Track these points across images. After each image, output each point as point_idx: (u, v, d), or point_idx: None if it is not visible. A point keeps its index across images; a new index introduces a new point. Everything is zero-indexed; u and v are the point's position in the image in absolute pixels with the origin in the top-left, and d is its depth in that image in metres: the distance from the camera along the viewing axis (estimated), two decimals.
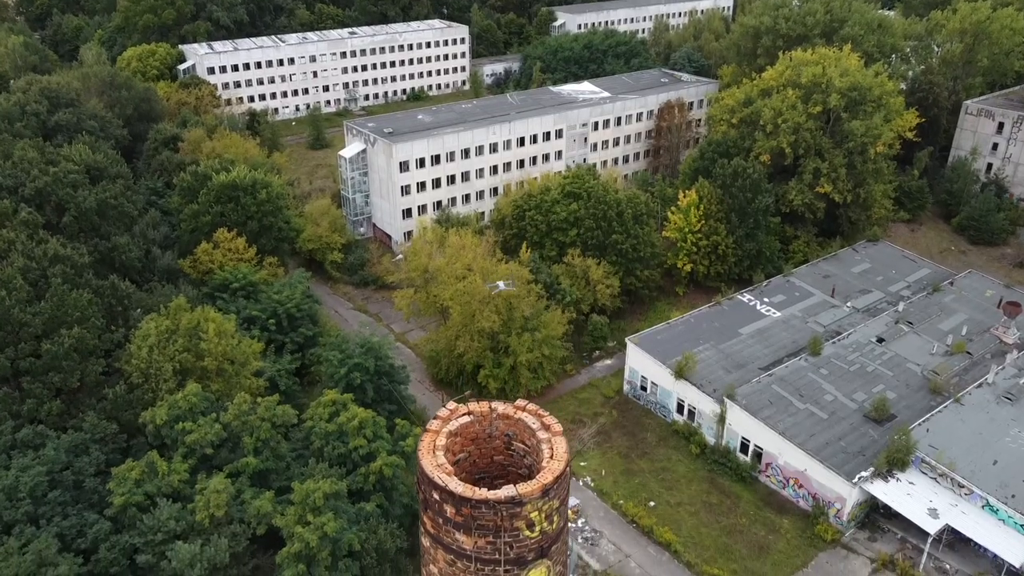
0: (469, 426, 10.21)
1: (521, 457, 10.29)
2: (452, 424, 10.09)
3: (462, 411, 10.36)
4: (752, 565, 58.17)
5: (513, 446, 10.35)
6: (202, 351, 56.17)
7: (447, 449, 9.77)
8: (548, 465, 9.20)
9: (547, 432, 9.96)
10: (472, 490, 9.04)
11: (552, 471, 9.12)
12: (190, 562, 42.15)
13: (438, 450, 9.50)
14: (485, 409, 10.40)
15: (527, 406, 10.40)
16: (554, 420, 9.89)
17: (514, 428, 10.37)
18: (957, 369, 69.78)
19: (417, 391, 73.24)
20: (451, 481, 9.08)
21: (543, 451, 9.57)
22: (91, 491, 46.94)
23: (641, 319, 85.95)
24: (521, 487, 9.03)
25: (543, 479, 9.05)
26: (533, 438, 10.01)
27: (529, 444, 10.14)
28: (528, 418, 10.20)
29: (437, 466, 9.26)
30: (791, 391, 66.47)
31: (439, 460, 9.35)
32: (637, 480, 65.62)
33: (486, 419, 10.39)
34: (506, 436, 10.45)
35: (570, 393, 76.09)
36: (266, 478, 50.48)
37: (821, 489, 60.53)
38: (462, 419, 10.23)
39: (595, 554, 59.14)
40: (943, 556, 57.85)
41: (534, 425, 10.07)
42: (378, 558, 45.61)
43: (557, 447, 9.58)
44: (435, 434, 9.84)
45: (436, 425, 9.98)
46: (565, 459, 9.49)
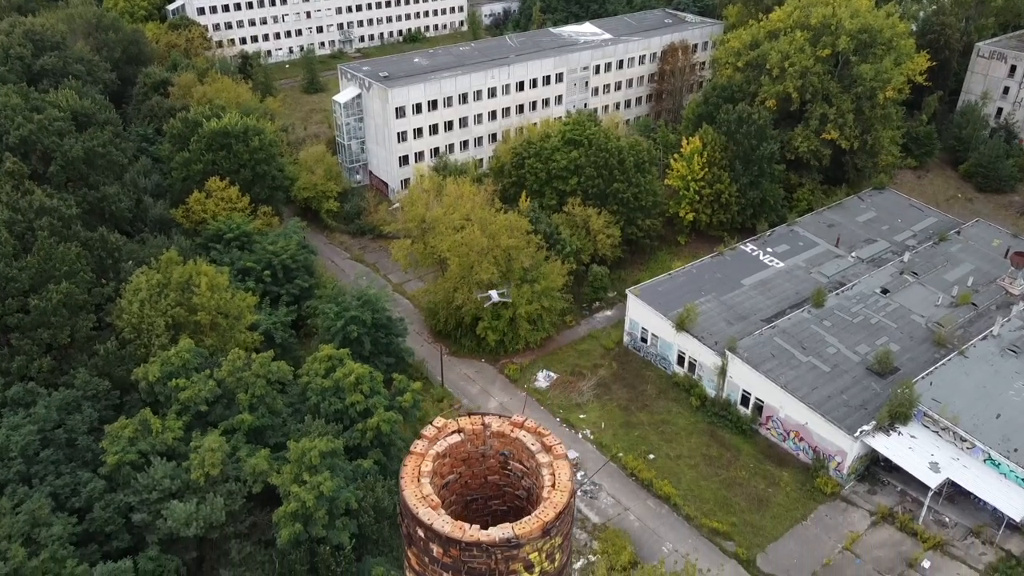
0: (459, 445, 9.08)
1: (519, 478, 9.22)
2: (440, 445, 8.97)
3: (451, 428, 9.22)
4: (751, 518, 58.14)
5: (510, 466, 9.28)
6: (195, 305, 55.07)
7: (435, 473, 8.68)
8: (550, 497, 8.10)
9: (548, 455, 8.81)
10: (462, 529, 7.95)
11: (554, 505, 8.02)
12: (186, 521, 41.75)
13: (423, 477, 8.39)
14: (478, 426, 9.26)
15: (525, 422, 9.25)
16: (556, 441, 8.75)
17: (511, 447, 9.28)
18: (962, 321, 68.86)
19: (415, 343, 72.45)
20: (437, 519, 7.99)
21: (543, 477, 8.47)
22: (84, 449, 46.34)
23: (642, 269, 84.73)
24: (518, 527, 7.96)
25: (544, 515, 7.96)
26: (532, 460, 8.93)
27: (528, 466, 9.05)
28: (527, 437, 9.06)
29: (422, 498, 8.16)
30: (793, 343, 65.66)
31: (425, 491, 8.25)
32: (637, 433, 65.28)
33: (479, 437, 9.28)
34: (502, 455, 9.36)
35: (570, 345, 75.33)
36: (262, 435, 49.91)
37: (822, 442, 60.17)
38: (451, 438, 9.10)
39: (594, 507, 59.06)
40: (943, 509, 57.79)
41: (533, 446, 8.93)
42: (376, 516, 45.27)
43: (560, 474, 8.45)
44: (420, 458, 8.71)
45: (421, 446, 8.85)
46: (569, 489, 8.38)
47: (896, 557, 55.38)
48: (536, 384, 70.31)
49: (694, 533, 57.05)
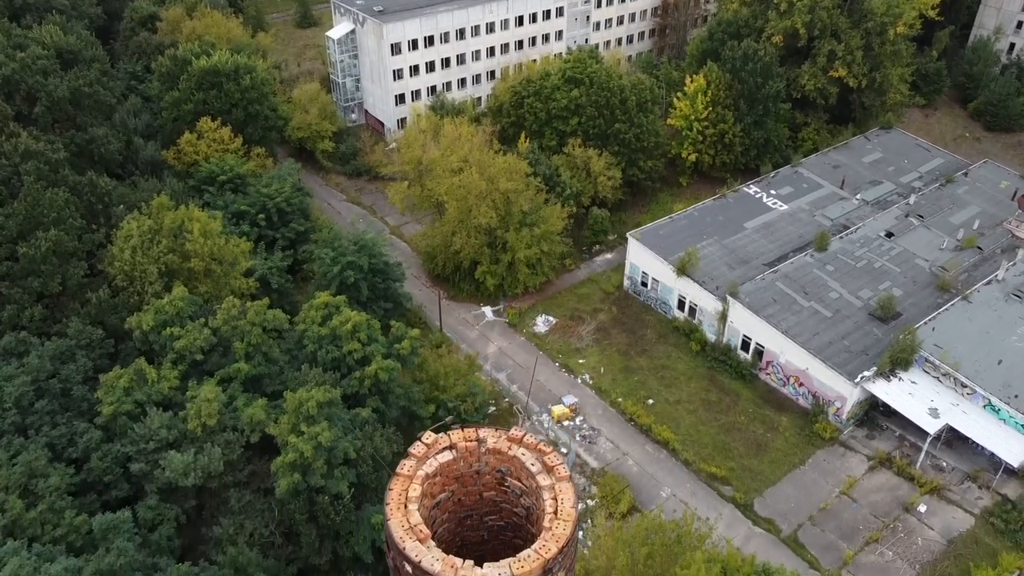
0: (451, 464, 8.34)
1: (517, 496, 8.51)
2: (429, 465, 8.21)
3: (442, 444, 8.43)
4: (750, 463, 58.34)
5: (507, 483, 8.55)
6: (188, 252, 54.04)
7: (424, 495, 7.93)
8: (551, 528, 7.35)
9: (549, 476, 8.05)
10: (453, 568, 7.22)
11: (556, 539, 7.28)
12: (184, 471, 41.62)
13: (411, 504, 7.65)
14: (472, 443, 8.47)
15: (524, 438, 8.46)
16: (559, 459, 7.97)
17: (508, 464, 8.53)
18: (967, 265, 68.00)
19: (413, 287, 71.68)
20: (426, 555, 7.26)
21: (544, 501, 7.73)
22: (79, 399, 45.94)
23: (643, 211, 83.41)
24: (516, 566, 7.24)
25: (545, 551, 7.23)
26: (532, 480, 8.19)
27: (527, 485, 8.32)
28: (526, 456, 8.28)
29: (409, 528, 7.42)
30: (795, 288, 64.91)
31: (412, 519, 7.51)
32: (636, 378, 65.07)
33: (473, 455, 8.51)
34: (498, 472, 8.62)
35: (569, 289, 74.58)
36: (259, 383, 49.50)
37: (822, 388, 59.98)
38: (442, 456, 8.33)
39: (593, 452, 59.21)
40: (940, 454, 57.95)
41: (533, 467, 8.17)
42: (374, 465, 45.17)
43: (562, 499, 7.69)
44: (407, 481, 7.93)
45: (409, 467, 8.07)
46: (572, 518, 7.62)
47: (893, 501, 55.73)
48: (535, 329, 69.82)
49: (692, 478, 57.30)
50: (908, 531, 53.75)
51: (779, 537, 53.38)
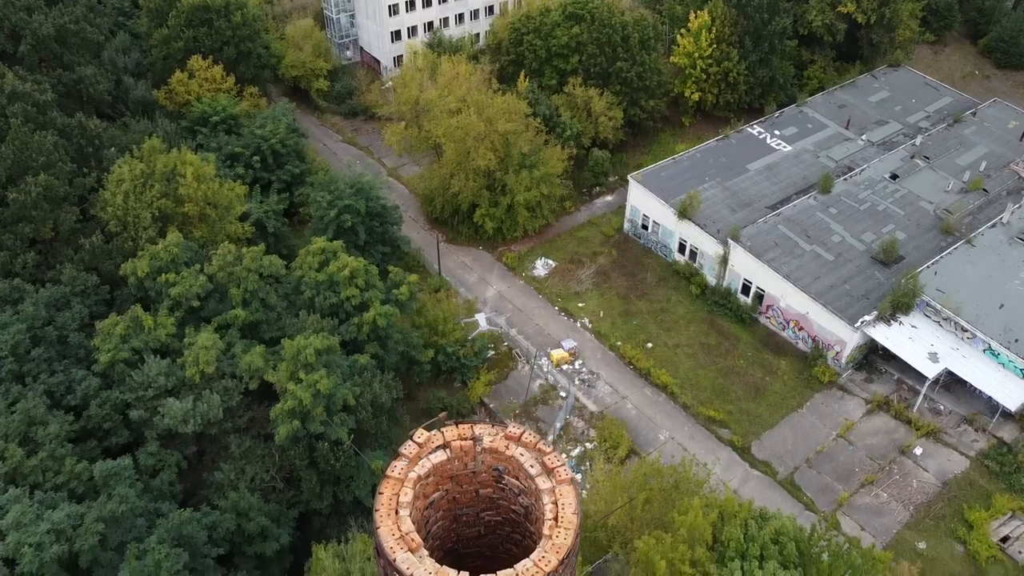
0: (445, 464, 7.87)
1: (515, 495, 8.07)
2: (421, 466, 7.73)
3: (435, 443, 7.94)
4: (748, 406, 58.57)
5: (505, 480, 8.10)
6: (181, 196, 53.13)
7: (417, 496, 7.48)
8: (552, 536, 6.91)
9: (550, 479, 7.58)
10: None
11: (556, 549, 6.83)
12: (183, 418, 41.64)
13: (402, 509, 7.19)
14: (467, 442, 7.99)
15: (523, 435, 7.98)
16: (560, 460, 7.47)
17: (506, 464, 8.07)
18: (972, 208, 67.11)
19: (411, 231, 70.91)
20: (418, 567, 6.85)
21: (544, 506, 7.27)
22: (76, 347, 45.69)
23: (644, 152, 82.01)
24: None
25: (544, 563, 6.80)
26: (531, 482, 7.73)
27: (526, 485, 7.87)
28: (525, 456, 7.79)
29: (400, 537, 6.98)
30: (798, 232, 64.19)
31: (404, 526, 7.06)
32: (635, 322, 64.88)
33: (468, 455, 8.04)
34: (496, 470, 8.17)
35: (569, 232, 73.82)
36: (257, 330, 49.22)
37: (822, 332, 59.83)
38: (435, 456, 7.85)
39: (592, 396, 59.38)
40: (938, 398, 58.14)
41: (533, 469, 7.68)
42: (374, 411, 45.22)
43: (564, 504, 7.23)
44: (398, 484, 7.45)
45: (400, 469, 7.58)
46: (575, 525, 7.18)
47: (889, 444, 56.13)
48: (534, 272, 69.33)
49: (690, 421, 57.61)
50: (903, 473, 54.26)
51: (775, 479, 53.92)
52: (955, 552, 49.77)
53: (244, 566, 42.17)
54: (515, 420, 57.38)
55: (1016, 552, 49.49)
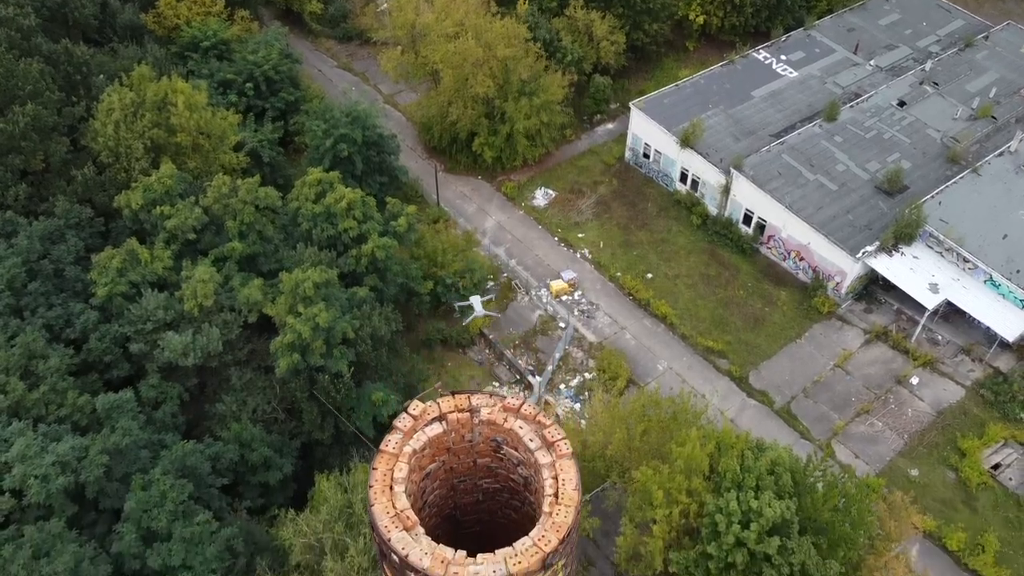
0: (441, 436, 7.54)
1: (514, 465, 7.80)
2: (417, 440, 7.42)
3: (430, 415, 7.60)
4: (746, 337, 58.75)
5: (504, 451, 7.81)
6: (173, 126, 51.98)
7: (413, 470, 7.19)
8: (551, 514, 6.65)
9: (550, 453, 7.26)
10: (444, 564, 6.59)
11: (557, 528, 6.58)
12: (183, 351, 41.70)
13: (397, 485, 6.90)
14: (464, 413, 7.65)
15: (522, 408, 7.62)
16: (560, 433, 7.11)
17: (504, 435, 7.76)
18: (979, 136, 65.89)
19: (409, 160, 69.76)
20: (414, 547, 6.61)
21: (544, 481, 6.99)
22: (73, 280, 45.39)
23: (647, 78, 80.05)
24: (513, 563, 6.61)
25: (544, 543, 6.56)
26: (530, 455, 7.43)
27: (526, 457, 7.57)
28: (524, 429, 7.44)
29: (396, 515, 6.72)
30: (802, 160, 63.18)
31: (399, 504, 6.79)
32: (635, 252, 64.52)
33: (465, 426, 7.71)
34: (494, 441, 7.87)
35: (569, 161, 72.68)
36: (254, 262, 48.88)
37: (822, 263, 59.53)
38: (431, 429, 7.52)
39: (591, 326, 59.50)
40: (937, 328, 58.24)
41: (532, 443, 7.35)
42: (373, 344, 45.29)
43: (564, 480, 6.94)
44: (392, 459, 7.15)
45: (394, 444, 7.24)
46: (575, 502, 6.91)
47: (886, 374, 56.52)
48: (534, 202, 68.59)
49: (689, 351, 57.86)
50: (899, 402, 54.80)
51: (772, 409, 54.47)
52: (946, 479, 50.65)
53: (248, 494, 42.90)
54: (515, 351, 57.62)
55: (1006, 479, 50.39)
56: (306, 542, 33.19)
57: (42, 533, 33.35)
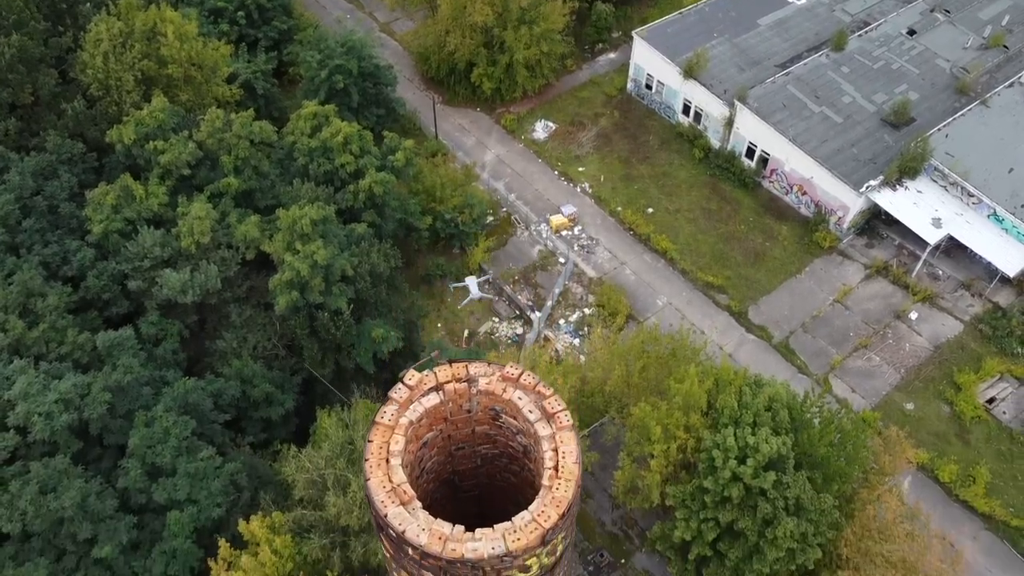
0: (438, 407, 7.39)
1: (513, 434, 7.67)
2: (413, 411, 7.26)
3: (426, 385, 7.42)
4: (747, 272, 58.59)
5: (502, 420, 7.66)
6: (164, 57, 50.65)
7: (410, 440, 7.06)
8: (551, 487, 6.53)
9: (549, 425, 7.12)
10: (441, 540, 6.49)
11: (557, 503, 6.46)
12: (181, 289, 41.57)
13: (393, 458, 6.78)
14: (461, 384, 7.47)
15: (521, 377, 7.44)
16: (560, 404, 6.96)
17: (503, 406, 7.61)
18: (990, 66, 64.34)
19: (406, 91, 68.35)
20: (411, 523, 6.49)
21: (544, 453, 6.87)
22: (68, 216, 44.92)
23: (650, 5, 77.79)
24: (512, 540, 6.50)
25: (544, 519, 6.46)
26: (529, 426, 7.29)
27: (525, 427, 7.43)
28: (523, 400, 7.27)
29: (392, 489, 6.61)
30: (807, 92, 61.86)
31: (396, 477, 6.67)
32: (636, 186, 63.80)
33: (463, 397, 7.54)
34: (492, 410, 7.72)
35: (570, 92, 71.20)
36: (251, 198, 48.31)
37: (825, 197, 58.93)
38: (427, 399, 7.35)
39: (591, 262, 59.29)
40: (938, 263, 58.04)
41: (532, 415, 7.19)
42: (372, 281, 45.13)
43: (564, 453, 6.80)
44: (388, 431, 6.99)
45: (389, 415, 7.08)
46: (575, 476, 6.80)
47: (885, 309, 56.57)
48: (534, 135, 67.48)
49: (688, 286, 57.78)
50: (897, 337, 55.01)
51: (771, 343, 54.70)
52: (941, 413, 51.21)
53: (251, 430, 43.39)
54: (514, 286, 57.54)
55: (1000, 412, 50.96)
56: (308, 477, 33.70)
57: (48, 469, 33.81)
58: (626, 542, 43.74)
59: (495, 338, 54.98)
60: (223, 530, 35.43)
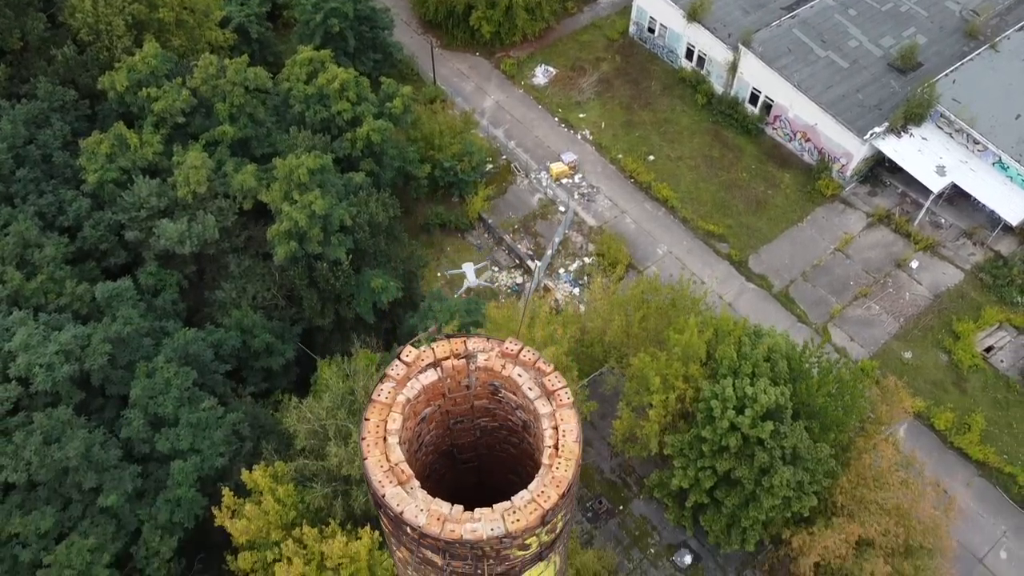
0: (436, 384, 7.23)
1: (513, 409, 7.53)
2: (410, 388, 7.10)
3: (424, 361, 7.25)
4: (748, 220, 58.23)
5: (501, 394, 7.51)
6: (155, 1, 49.40)
7: (407, 417, 6.91)
8: (551, 465, 6.42)
9: (549, 402, 6.97)
10: (440, 521, 6.39)
11: (556, 483, 6.34)
12: (179, 239, 41.29)
13: (391, 436, 6.65)
14: (460, 360, 7.30)
15: (520, 353, 7.26)
16: (560, 383, 6.79)
17: (502, 382, 7.45)
18: (1000, 8, 62.85)
19: (403, 35, 66.96)
20: (409, 504, 6.39)
21: (544, 431, 6.74)
22: (62, 166, 44.32)
23: None
24: (511, 520, 6.40)
25: (543, 499, 6.36)
26: (529, 403, 7.14)
27: (525, 404, 7.28)
28: (523, 377, 7.09)
29: (390, 468, 6.50)
30: (813, 36, 60.56)
31: (393, 456, 6.55)
32: (638, 133, 62.97)
33: (461, 373, 7.37)
34: (491, 386, 7.56)
35: (571, 35, 69.77)
36: (247, 146, 47.66)
37: (829, 144, 58.21)
38: (425, 376, 7.18)
39: (591, 210, 58.88)
40: (940, 211, 57.65)
41: (531, 392, 7.02)
42: (371, 231, 44.81)
43: (565, 431, 6.66)
44: (385, 409, 6.85)
45: (387, 392, 6.92)
46: (576, 455, 6.68)
47: (886, 257, 56.40)
48: (534, 80, 66.32)
49: (689, 235, 57.48)
50: (897, 286, 54.95)
51: (770, 293, 54.66)
52: (939, 361, 51.45)
53: (251, 380, 43.60)
54: (514, 235, 57.22)
55: (998, 361, 51.21)
56: (310, 428, 33.96)
57: (51, 420, 34.01)
58: (624, 489, 44.33)
59: (495, 287, 54.91)
60: (226, 479, 35.85)
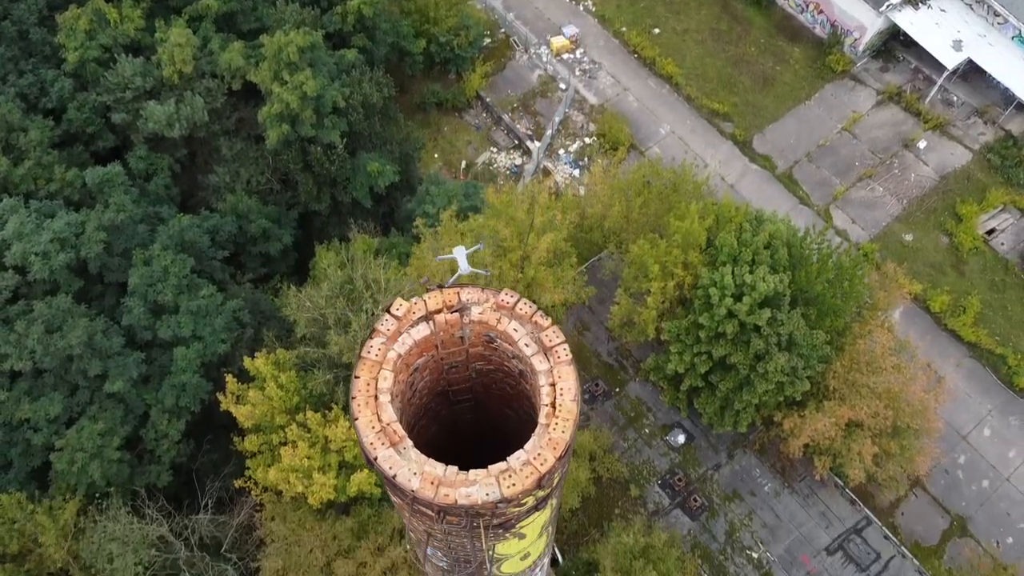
0: (429, 338, 6.83)
1: (509, 357, 7.18)
2: (402, 344, 6.70)
3: (416, 314, 6.81)
4: (754, 98, 56.49)
5: (497, 344, 7.14)
6: None
7: (399, 371, 6.57)
8: (548, 425, 6.14)
9: (547, 359, 6.61)
10: (434, 485, 6.16)
11: (553, 445, 6.08)
12: (167, 122, 40.08)
13: (382, 395, 6.31)
14: (453, 314, 6.86)
15: (516, 305, 6.82)
16: (558, 338, 6.41)
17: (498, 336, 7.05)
18: None
19: None
20: (401, 467, 6.15)
21: (541, 388, 6.43)
22: (40, 43, 42.32)
23: None
24: (506, 484, 6.17)
25: (540, 462, 6.11)
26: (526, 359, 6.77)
27: (521, 356, 6.92)
28: (519, 332, 6.67)
29: (382, 429, 6.22)
30: None
31: (385, 416, 6.24)
32: (643, 4, 60.08)
33: (455, 326, 6.94)
34: (486, 336, 7.17)
35: None
36: (232, 21, 45.45)
37: (842, 16, 55.63)
38: (416, 331, 6.76)
39: (593, 87, 57.02)
40: (953, 88, 55.83)
41: (528, 348, 6.62)
42: (366, 112, 43.42)
43: (563, 389, 6.34)
44: (376, 367, 6.47)
45: (376, 350, 6.51)
46: (574, 415, 6.39)
47: (894, 137, 55.09)
48: None
49: (693, 114, 55.92)
50: (903, 167, 53.95)
51: (774, 174, 53.73)
52: (939, 244, 51.20)
53: (250, 265, 43.50)
54: (513, 115, 55.64)
55: (998, 244, 50.97)
56: (310, 316, 34.09)
57: (52, 308, 34.06)
58: (620, 372, 45.17)
59: (493, 169, 53.93)
60: (229, 365, 36.32)
